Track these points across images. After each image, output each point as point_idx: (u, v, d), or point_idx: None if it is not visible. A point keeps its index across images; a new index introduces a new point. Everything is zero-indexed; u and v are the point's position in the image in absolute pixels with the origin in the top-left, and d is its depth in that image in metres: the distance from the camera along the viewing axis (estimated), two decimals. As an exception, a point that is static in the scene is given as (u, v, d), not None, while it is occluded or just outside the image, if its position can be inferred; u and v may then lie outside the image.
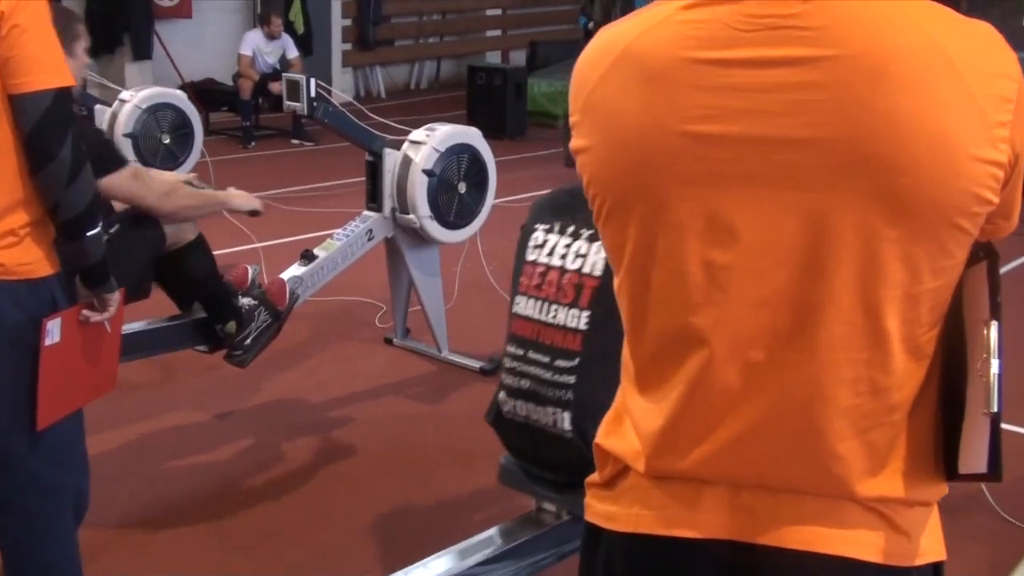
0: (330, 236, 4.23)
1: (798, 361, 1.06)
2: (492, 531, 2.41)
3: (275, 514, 3.23)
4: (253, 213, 3.52)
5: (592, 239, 2.11)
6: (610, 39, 1.12)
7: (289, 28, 10.68)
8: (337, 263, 4.10)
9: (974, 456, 1.08)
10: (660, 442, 1.15)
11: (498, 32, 14.90)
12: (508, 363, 2.25)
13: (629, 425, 1.22)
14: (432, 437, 3.82)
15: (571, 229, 2.15)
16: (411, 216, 4.10)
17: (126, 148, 5.05)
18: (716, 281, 1.07)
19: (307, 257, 4.03)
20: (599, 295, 2.07)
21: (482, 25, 14.77)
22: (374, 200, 4.23)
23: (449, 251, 4.61)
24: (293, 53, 10.01)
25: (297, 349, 4.57)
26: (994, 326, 1.05)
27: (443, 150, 4.12)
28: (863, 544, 1.10)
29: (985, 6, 8.14)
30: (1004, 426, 1.08)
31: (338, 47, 12.49)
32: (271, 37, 9.88)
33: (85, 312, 2.05)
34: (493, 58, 14.29)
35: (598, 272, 2.08)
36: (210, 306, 3.46)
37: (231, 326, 3.47)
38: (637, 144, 1.07)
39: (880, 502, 1.11)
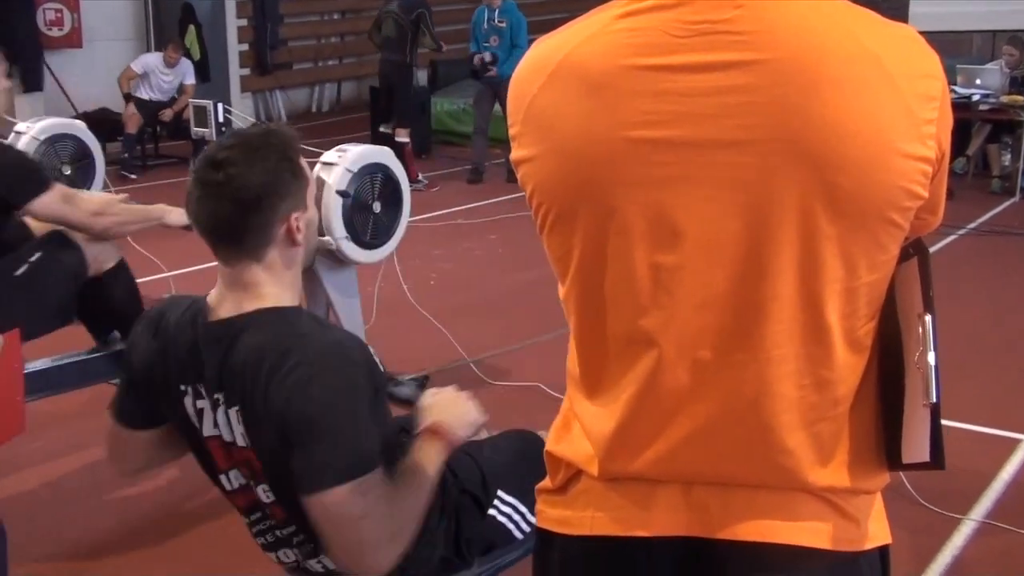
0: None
1: (744, 359, 1.09)
2: None
3: (200, 551, 3.17)
4: (188, 227, 3.33)
5: (228, 403, 1.78)
6: (546, 51, 1.14)
7: (185, 54, 10.53)
8: (254, 288, 4.03)
9: (917, 445, 1.12)
10: (613, 444, 1.17)
11: (397, 52, 14.86)
12: (256, 526, 1.98)
13: (578, 430, 1.23)
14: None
15: (203, 390, 1.81)
16: (327, 238, 4.06)
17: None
18: (662, 284, 1.09)
19: (223, 284, 3.96)
20: (263, 465, 1.81)
21: (381, 46, 14.72)
22: (288, 224, 4.17)
23: (366, 271, 4.58)
24: (190, 80, 9.97)
25: (214, 378, 4.48)
26: (928, 319, 1.09)
27: (356, 170, 4.09)
28: (815, 532, 1.14)
29: None
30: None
31: (236, 73, 12.32)
32: (168, 64, 9.83)
33: None
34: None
35: (247, 444, 1.80)
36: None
37: None
38: (582, 151, 1.09)
39: (829, 491, 1.14)
